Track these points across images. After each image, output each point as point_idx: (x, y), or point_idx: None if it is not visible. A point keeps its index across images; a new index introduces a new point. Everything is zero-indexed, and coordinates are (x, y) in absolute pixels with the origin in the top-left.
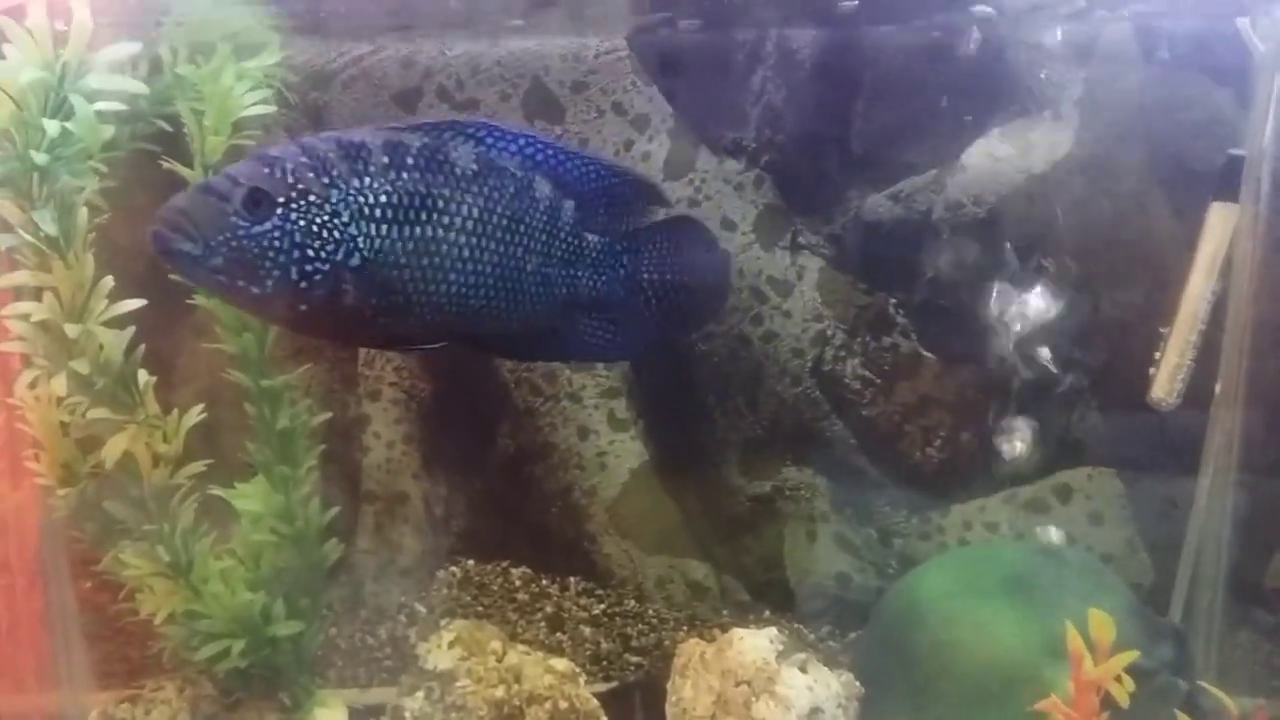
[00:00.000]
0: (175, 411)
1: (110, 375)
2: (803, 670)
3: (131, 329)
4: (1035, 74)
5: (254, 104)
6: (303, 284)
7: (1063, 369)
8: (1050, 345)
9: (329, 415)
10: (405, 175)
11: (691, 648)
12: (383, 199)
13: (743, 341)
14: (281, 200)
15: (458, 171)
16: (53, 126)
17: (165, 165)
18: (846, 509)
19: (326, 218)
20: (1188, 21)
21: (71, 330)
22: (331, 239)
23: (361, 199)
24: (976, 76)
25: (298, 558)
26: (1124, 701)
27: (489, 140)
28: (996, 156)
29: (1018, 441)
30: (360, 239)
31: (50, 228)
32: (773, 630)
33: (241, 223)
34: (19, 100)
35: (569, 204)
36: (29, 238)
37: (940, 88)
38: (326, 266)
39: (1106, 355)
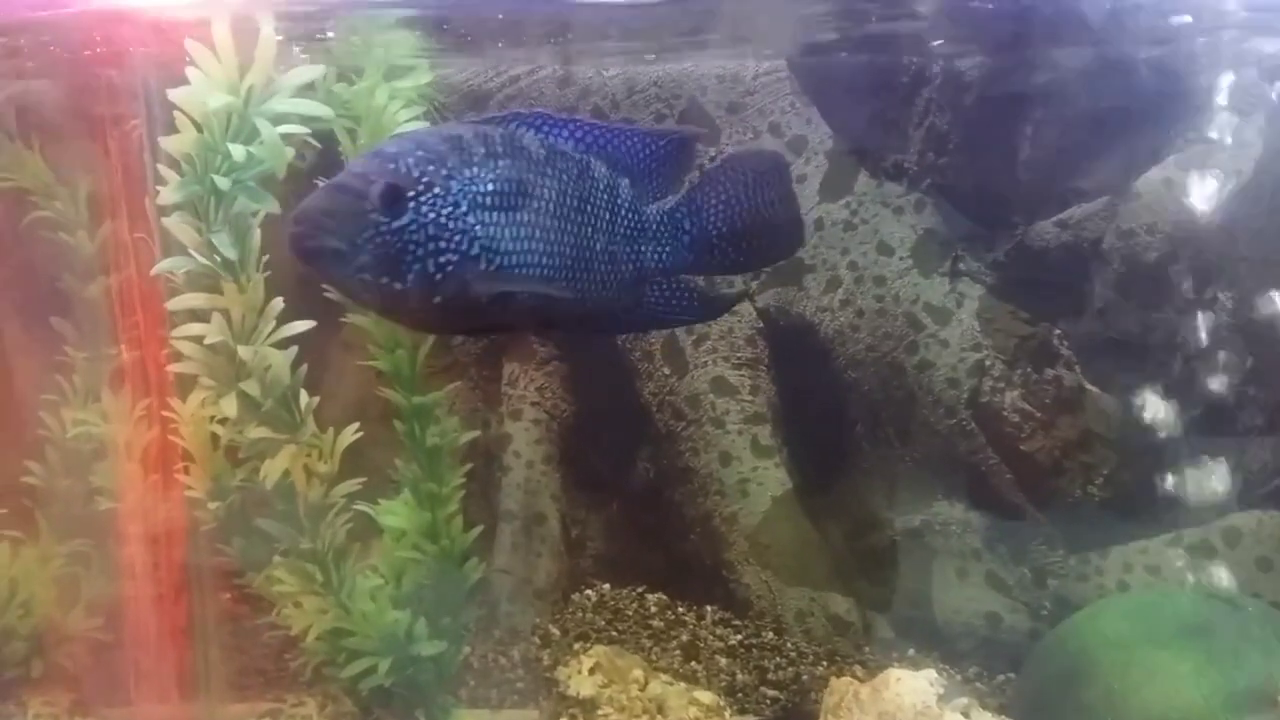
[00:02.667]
0: (331, 430)
1: (276, 396)
2: (965, 715)
3: (295, 349)
4: (1216, 102)
5: (407, 121)
6: (438, 275)
7: (1236, 406)
8: (1224, 382)
9: (476, 434)
10: (501, 163)
11: (844, 685)
12: (489, 187)
13: (895, 370)
14: (412, 194)
15: (532, 157)
16: (239, 151)
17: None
18: (1000, 546)
19: (450, 208)
20: None
21: (244, 352)
22: (457, 229)
23: (474, 188)
24: (1153, 103)
25: (441, 576)
26: None
27: (545, 127)
28: (1173, 184)
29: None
30: (477, 227)
31: (229, 251)
32: (931, 672)
33: (381, 219)
34: (202, 124)
35: (624, 181)
36: (205, 261)
37: (1115, 114)
38: (455, 256)
39: None
